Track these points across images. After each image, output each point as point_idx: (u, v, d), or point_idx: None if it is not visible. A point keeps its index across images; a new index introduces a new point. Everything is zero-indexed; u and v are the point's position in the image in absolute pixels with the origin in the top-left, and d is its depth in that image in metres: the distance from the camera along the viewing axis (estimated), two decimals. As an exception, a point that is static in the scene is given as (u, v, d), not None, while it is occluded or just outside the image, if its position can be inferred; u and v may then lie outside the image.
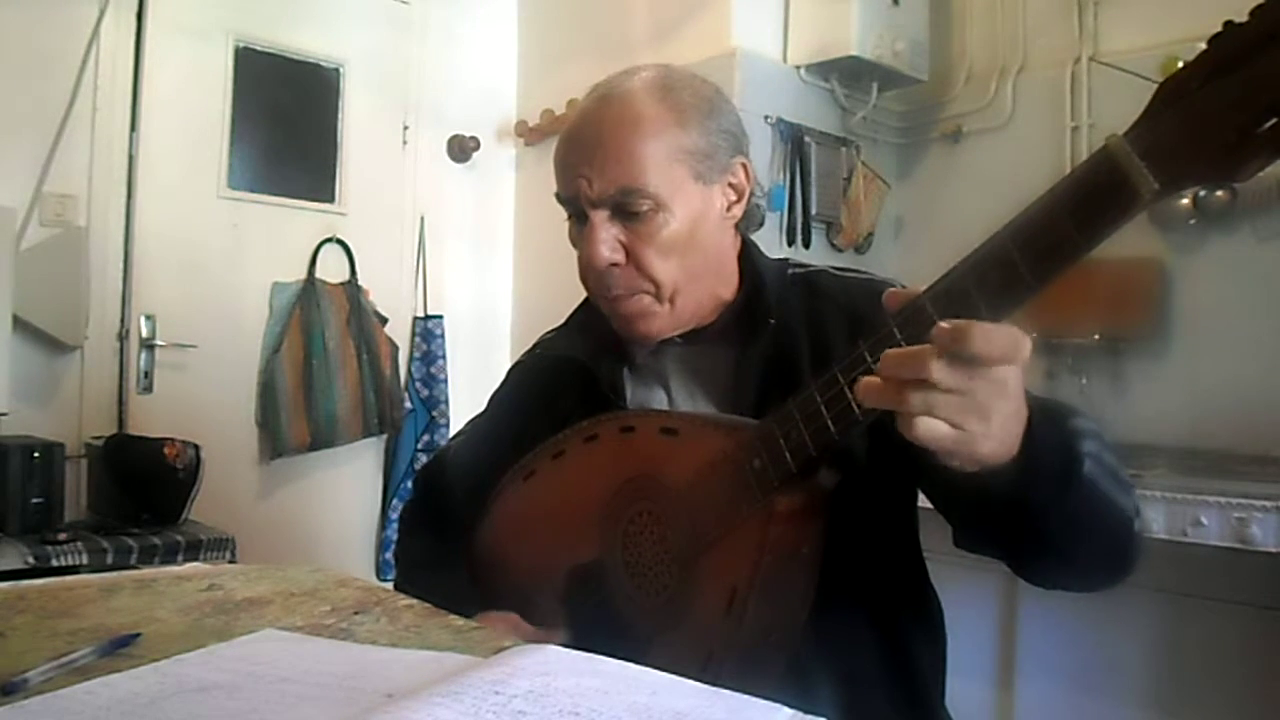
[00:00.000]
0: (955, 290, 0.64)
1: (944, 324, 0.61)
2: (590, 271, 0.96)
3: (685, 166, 0.93)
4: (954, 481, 0.70)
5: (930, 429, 0.63)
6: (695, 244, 0.95)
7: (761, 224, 1.04)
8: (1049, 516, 0.71)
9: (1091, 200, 0.60)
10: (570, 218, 0.99)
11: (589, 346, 1.04)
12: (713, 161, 0.95)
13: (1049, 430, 0.70)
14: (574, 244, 0.99)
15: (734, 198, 0.98)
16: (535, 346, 1.17)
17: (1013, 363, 0.62)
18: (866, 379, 0.66)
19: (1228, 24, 0.57)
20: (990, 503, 0.71)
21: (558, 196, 0.98)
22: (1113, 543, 0.78)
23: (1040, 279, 0.62)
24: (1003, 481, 0.69)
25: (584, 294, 1.10)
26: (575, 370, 1.03)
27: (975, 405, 0.63)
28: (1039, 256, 0.61)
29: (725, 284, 1.00)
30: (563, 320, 1.14)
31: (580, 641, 0.64)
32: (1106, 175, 0.59)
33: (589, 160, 0.93)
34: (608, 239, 0.93)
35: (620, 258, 0.93)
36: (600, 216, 0.93)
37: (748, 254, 1.03)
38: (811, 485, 0.79)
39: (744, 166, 0.98)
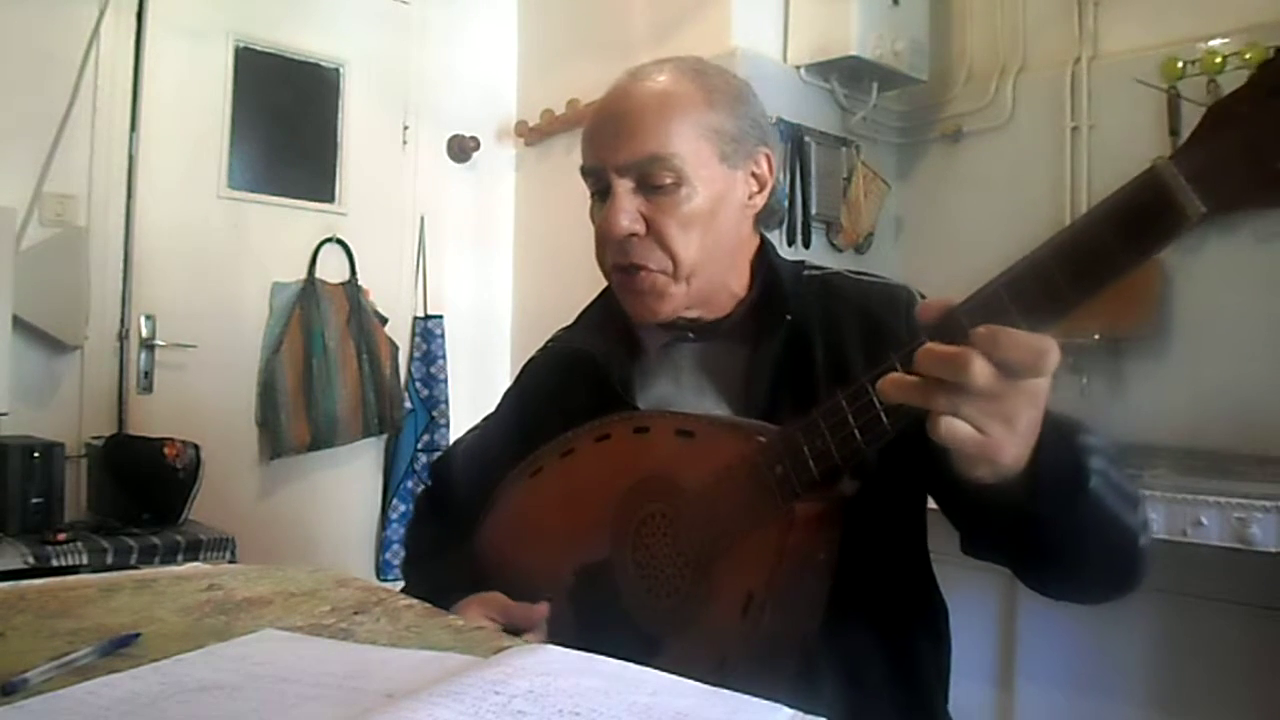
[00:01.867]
0: (992, 304, 0.64)
1: (982, 329, 0.61)
2: (608, 242, 0.96)
3: (711, 145, 0.94)
4: (965, 490, 0.70)
5: (955, 431, 0.63)
6: (716, 224, 0.95)
7: (781, 223, 1.05)
8: (1054, 529, 0.71)
9: (1137, 221, 0.60)
10: (593, 195, 0.99)
11: (601, 341, 1.04)
12: (738, 146, 0.96)
13: (1058, 444, 0.70)
14: (593, 219, 0.99)
15: (755, 188, 0.99)
16: (549, 342, 1.17)
17: (1044, 373, 0.62)
18: (896, 375, 0.66)
19: (1278, 50, 0.57)
20: (998, 513, 0.71)
21: (583, 170, 0.99)
22: (1117, 558, 0.78)
23: (1080, 296, 0.61)
24: (1011, 492, 0.69)
25: (585, 294, 1.11)
26: (586, 365, 1.03)
27: (1004, 412, 0.63)
28: (1081, 274, 0.61)
29: (739, 278, 1.01)
30: (574, 318, 1.14)
31: (587, 640, 0.64)
32: (1153, 197, 0.59)
33: (617, 130, 0.94)
34: (629, 208, 0.93)
35: (640, 228, 0.94)
36: (624, 186, 0.93)
37: (764, 253, 1.03)
38: (832, 493, 0.79)
39: (767, 158, 0.99)
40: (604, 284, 1.08)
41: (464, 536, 1.08)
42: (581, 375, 1.04)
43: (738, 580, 0.80)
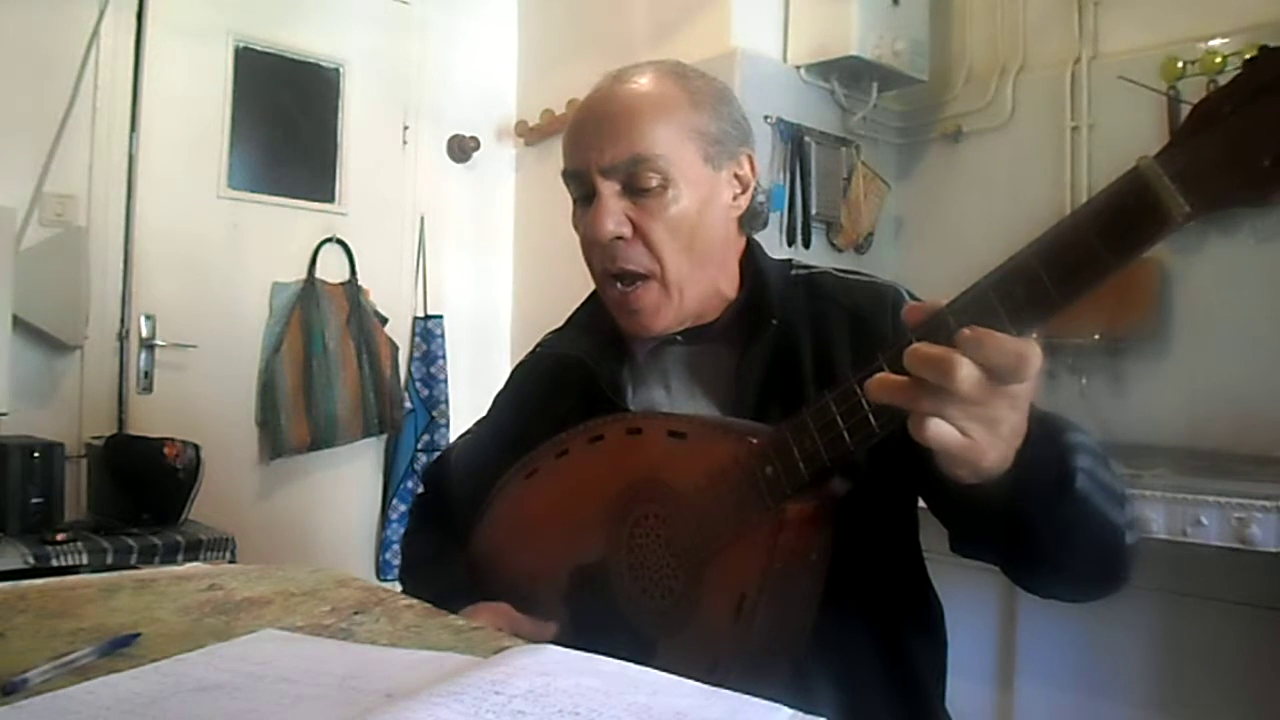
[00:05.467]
0: (979, 305, 0.64)
1: (967, 331, 0.61)
2: (594, 246, 0.95)
3: (696, 146, 0.94)
4: (951, 490, 0.70)
5: (939, 433, 0.63)
6: (702, 228, 0.95)
7: (765, 224, 1.05)
8: (1041, 528, 0.72)
9: (1121, 221, 0.59)
10: (575, 201, 0.99)
11: (589, 345, 1.04)
12: (721, 147, 0.96)
13: (1045, 444, 0.70)
14: (576, 227, 0.99)
15: (739, 190, 0.99)
16: (537, 346, 1.17)
17: (1026, 378, 0.62)
18: (883, 375, 0.65)
19: (1263, 48, 0.57)
20: (985, 512, 0.71)
21: (565, 174, 0.98)
22: (1104, 557, 0.78)
23: (1066, 297, 0.61)
24: (997, 492, 0.69)
25: (585, 294, 1.11)
26: (575, 369, 1.03)
27: (987, 416, 0.63)
28: (1066, 275, 0.61)
29: (728, 281, 1.01)
30: (565, 320, 1.14)
31: (582, 642, 0.64)
32: (1137, 197, 0.59)
33: (601, 131, 0.94)
34: (615, 211, 0.93)
35: (626, 231, 0.93)
36: (609, 189, 0.93)
37: (751, 253, 1.03)
38: (823, 493, 0.79)
39: (749, 159, 0.99)
40: (602, 284, 1.08)
41: (460, 541, 1.08)
42: (571, 379, 1.03)
43: (730, 581, 0.80)
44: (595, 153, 0.93)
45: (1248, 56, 0.57)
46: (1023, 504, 0.70)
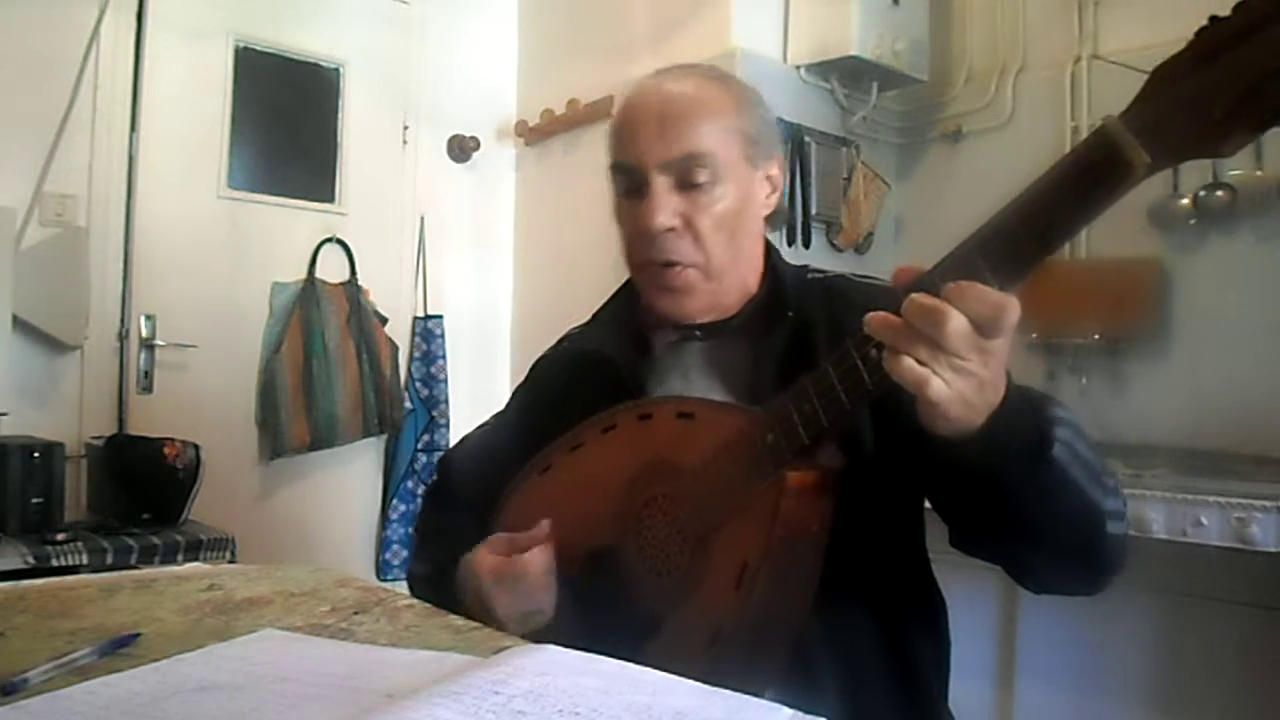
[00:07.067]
0: (964, 264, 0.68)
1: (951, 285, 0.65)
2: (643, 238, 0.98)
3: (739, 147, 0.99)
4: (936, 450, 0.72)
5: (914, 374, 0.66)
6: (743, 223, 1.00)
7: (785, 223, 1.08)
8: (1019, 494, 0.73)
9: (1090, 175, 0.65)
10: (621, 193, 1.02)
11: (611, 339, 1.06)
12: (759, 148, 1.01)
13: (1023, 406, 0.73)
14: (619, 219, 1.03)
15: (770, 190, 1.04)
16: (561, 340, 1.19)
17: (1005, 328, 0.65)
18: (885, 314, 0.68)
19: (1213, 19, 0.64)
20: (964, 474, 0.73)
21: (615, 166, 1.01)
22: (1085, 535, 0.79)
23: (1044, 249, 0.66)
24: (974, 452, 0.71)
25: (586, 293, 1.11)
26: (597, 364, 1.05)
27: (960, 367, 0.67)
28: (1042, 229, 0.66)
29: (754, 275, 1.05)
30: (589, 317, 1.16)
31: (593, 625, 0.65)
32: (1104, 152, 0.64)
33: (655, 127, 0.97)
34: (669, 205, 0.97)
35: (677, 223, 0.97)
36: (662, 183, 0.97)
37: (769, 252, 1.07)
38: (821, 462, 0.81)
39: (779, 161, 1.05)
40: (604, 284, 1.09)
41: (474, 522, 1.09)
42: (593, 374, 1.05)
43: (733, 552, 0.82)
44: (650, 148, 0.97)
45: (1201, 26, 0.62)
46: (998, 461, 0.71)
